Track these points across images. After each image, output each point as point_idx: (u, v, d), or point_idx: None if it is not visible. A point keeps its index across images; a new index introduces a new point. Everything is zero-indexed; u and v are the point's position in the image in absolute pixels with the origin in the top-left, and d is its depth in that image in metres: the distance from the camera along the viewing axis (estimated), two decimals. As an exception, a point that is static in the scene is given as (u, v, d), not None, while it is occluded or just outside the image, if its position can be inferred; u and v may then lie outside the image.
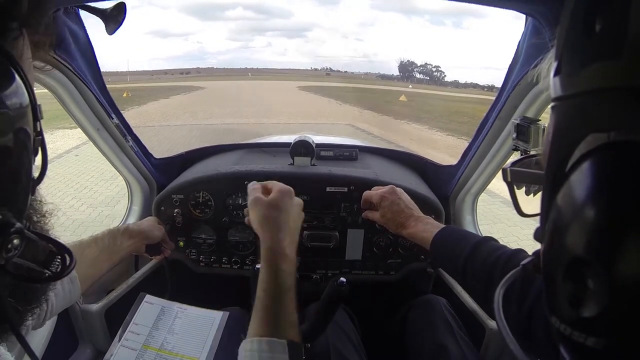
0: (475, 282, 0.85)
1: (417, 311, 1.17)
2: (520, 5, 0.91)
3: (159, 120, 11.85)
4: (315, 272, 1.39)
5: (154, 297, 1.09)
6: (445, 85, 57.42)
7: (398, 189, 1.10)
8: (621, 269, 0.26)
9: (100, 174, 5.76)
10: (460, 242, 0.90)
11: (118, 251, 1.05)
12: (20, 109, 0.37)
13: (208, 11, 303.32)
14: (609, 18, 0.28)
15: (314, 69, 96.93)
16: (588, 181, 0.29)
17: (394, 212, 1.05)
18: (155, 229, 1.20)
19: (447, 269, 1.04)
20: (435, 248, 0.94)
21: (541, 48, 0.89)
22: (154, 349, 0.97)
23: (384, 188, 1.10)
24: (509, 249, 0.83)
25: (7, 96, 0.35)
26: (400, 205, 1.05)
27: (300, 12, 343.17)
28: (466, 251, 0.86)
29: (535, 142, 0.97)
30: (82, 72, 1.03)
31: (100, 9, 0.85)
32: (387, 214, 1.06)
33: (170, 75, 55.12)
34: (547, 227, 0.33)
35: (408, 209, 1.05)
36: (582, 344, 0.29)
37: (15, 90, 0.36)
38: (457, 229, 1.11)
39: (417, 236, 0.99)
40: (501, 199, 5.21)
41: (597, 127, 0.30)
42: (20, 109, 0.37)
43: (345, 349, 1.01)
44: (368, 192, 1.13)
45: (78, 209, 4.71)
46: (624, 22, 0.26)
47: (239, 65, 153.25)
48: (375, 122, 13.11)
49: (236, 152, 1.63)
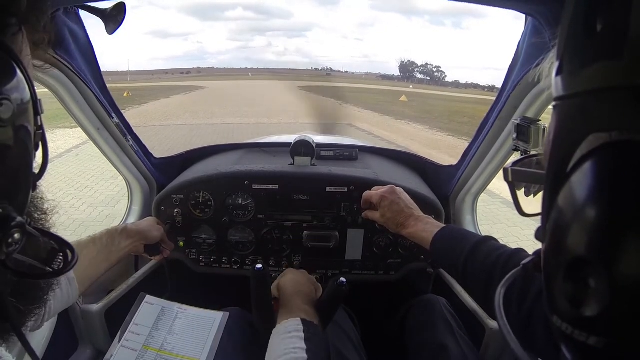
0: (475, 281, 0.85)
1: (417, 311, 1.17)
2: (520, 5, 0.91)
3: (159, 120, 11.86)
4: (315, 272, 1.39)
5: (154, 298, 1.09)
6: (446, 86, 57.36)
7: (398, 188, 1.10)
8: (622, 269, 0.26)
9: (101, 174, 5.76)
10: (460, 241, 0.90)
11: (116, 251, 1.05)
12: (22, 103, 0.37)
13: (208, 11, 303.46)
14: (610, 18, 0.28)
15: (315, 69, 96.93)
16: (589, 181, 0.29)
17: (394, 211, 1.05)
18: (154, 229, 1.20)
19: (447, 269, 1.04)
20: (435, 248, 0.94)
21: (541, 48, 0.89)
22: (154, 350, 0.97)
23: (384, 188, 1.10)
24: (509, 249, 0.83)
25: (9, 90, 0.35)
26: (400, 205, 1.05)
27: (300, 12, 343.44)
28: (466, 251, 0.86)
29: (536, 142, 0.97)
30: (82, 72, 1.03)
31: (100, 9, 0.85)
32: (387, 214, 1.05)
33: (170, 75, 55.12)
34: (549, 227, 0.33)
35: (408, 208, 1.05)
36: (583, 343, 0.29)
37: (16, 85, 0.36)
38: (457, 228, 1.11)
39: (417, 236, 0.99)
40: (501, 199, 5.20)
41: (599, 127, 0.30)
42: (22, 103, 0.37)
43: (345, 348, 1.00)
44: (368, 192, 1.13)
45: (79, 208, 4.71)
46: (625, 22, 0.26)
47: (239, 65, 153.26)
48: (376, 122, 13.11)
49: (236, 152, 1.63)
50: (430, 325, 1.10)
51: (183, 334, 1.02)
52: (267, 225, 1.35)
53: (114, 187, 5.28)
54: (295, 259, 1.38)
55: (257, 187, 1.31)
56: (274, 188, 1.32)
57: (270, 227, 1.36)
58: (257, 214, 1.34)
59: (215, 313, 1.08)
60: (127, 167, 1.35)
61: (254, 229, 1.36)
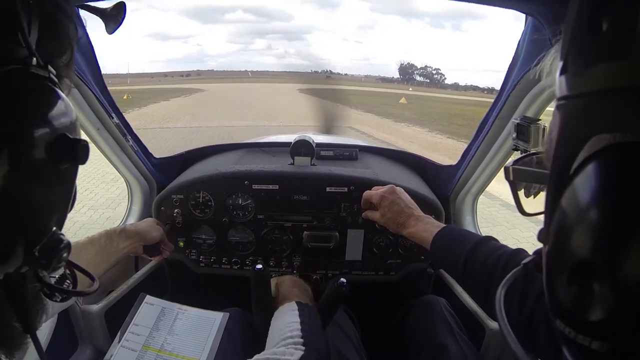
0: (475, 282, 0.84)
1: (416, 311, 1.17)
2: (520, 5, 0.91)
3: (159, 123, 11.86)
4: (315, 273, 1.39)
5: (154, 298, 1.09)
6: (446, 88, 57.45)
7: (398, 188, 1.10)
8: (627, 273, 0.26)
9: (102, 176, 5.75)
10: (460, 241, 0.89)
11: (115, 252, 1.05)
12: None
13: (208, 14, 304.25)
14: (615, 18, 0.28)
15: (314, 71, 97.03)
16: (593, 183, 0.29)
17: (394, 211, 1.04)
18: (153, 229, 1.20)
19: (447, 269, 1.04)
20: (435, 248, 0.94)
21: (541, 47, 0.89)
22: (154, 350, 0.97)
23: (384, 188, 1.09)
24: (509, 249, 0.82)
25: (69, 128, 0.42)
26: (400, 205, 1.05)
27: (301, 15, 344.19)
28: (466, 251, 0.85)
29: (536, 141, 0.97)
30: (82, 72, 1.03)
31: (100, 8, 0.85)
32: (387, 214, 1.05)
33: (170, 78, 55.17)
34: (552, 229, 0.33)
35: (408, 208, 1.05)
36: (586, 348, 0.28)
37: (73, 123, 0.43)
38: (458, 228, 1.10)
39: (417, 236, 0.99)
40: (500, 201, 5.20)
41: (602, 128, 0.29)
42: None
43: (345, 348, 1.00)
44: (368, 192, 1.12)
45: (79, 211, 4.69)
46: (631, 22, 0.26)
47: (239, 68, 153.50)
48: (375, 124, 13.12)
49: (236, 152, 1.63)
50: (430, 325, 1.09)
51: (183, 334, 1.02)
52: (267, 226, 1.35)
53: (114, 189, 5.28)
54: (295, 260, 1.38)
55: (257, 187, 1.31)
56: (274, 188, 1.32)
57: (270, 228, 1.35)
58: (257, 214, 1.34)
59: (215, 313, 1.08)
60: (127, 167, 1.35)
61: (254, 229, 1.35)
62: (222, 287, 1.41)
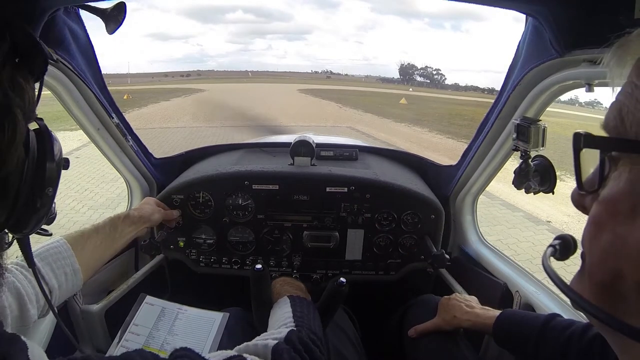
0: None
1: (415, 310, 1.16)
2: (521, 6, 0.91)
3: (159, 123, 11.86)
4: (315, 272, 1.39)
5: (154, 298, 1.09)
6: (446, 89, 57.38)
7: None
8: None
9: (102, 176, 5.76)
10: (523, 327, 0.90)
11: (119, 238, 1.06)
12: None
13: (208, 14, 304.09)
14: None
15: (314, 71, 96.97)
16: None
17: (452, 306, 1.05)
18: (156, 211, 1.21)
19: (512, 351, 1.00)
20: (501, 332, 0.94)
21: (541, 48, 0.90)
22: (154, 350, 0.97)
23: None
24: (579, 323, 0.82)
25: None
26: (459, 301, 1.06)
27: (301, 15, 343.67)
28: (535, 333, 0.86)
29: (536, 142, 0.97)
30: (82, 72, 1.03)
31: (101, 8, 0.85)
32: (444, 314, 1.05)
33: (170, 78, 55.11)
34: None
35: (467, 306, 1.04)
36: None
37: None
38: (512, 312, 1.05)
39: (478, 324, 0.99)
40: (501, 201, 5.20)
41: None
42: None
43: (345, 348, 1.00)
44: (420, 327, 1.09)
45: (79, 211, 4.70)
46: None
47: (239, 68, 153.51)
48: (375, 125, 13.12)
49: (236, 152, 1.63)
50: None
51: (183, 334, 1.02)
52: (267, 226, 1.35)
53: (114, 189, 5.28)
54: (295, 259, 1.38)
55: (257, 187, 1.31)
56: (274, 188, 1.32)
57: (270, 228, 1.35)
58: (257, 214, 1.34)
59: (215, 313, 1.08)
60: (127, 167, 1.35)
61: (254, 229, 1.35)
62: (222, 287, 1.41)
